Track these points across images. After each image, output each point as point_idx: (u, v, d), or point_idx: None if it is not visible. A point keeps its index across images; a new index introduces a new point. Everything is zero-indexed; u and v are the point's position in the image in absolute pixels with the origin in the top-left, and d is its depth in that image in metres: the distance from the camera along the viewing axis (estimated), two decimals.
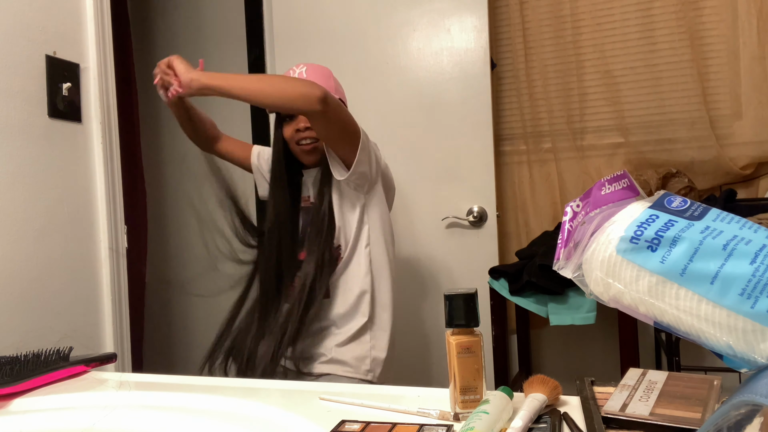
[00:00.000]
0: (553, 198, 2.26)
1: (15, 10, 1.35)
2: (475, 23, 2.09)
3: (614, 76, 2.18)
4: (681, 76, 2.10)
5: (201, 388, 0.93)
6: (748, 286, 0.48)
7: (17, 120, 1.35)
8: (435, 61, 2.14)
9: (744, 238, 0.50)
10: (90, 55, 1.53)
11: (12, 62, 1.34)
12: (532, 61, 2.28)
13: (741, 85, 2.06)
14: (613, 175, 0.62)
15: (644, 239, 0.53)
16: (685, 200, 0.56)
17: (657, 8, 2.13)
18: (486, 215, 2.08)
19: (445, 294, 0.76)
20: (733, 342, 0.49)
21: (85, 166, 1.52)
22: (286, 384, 0.99)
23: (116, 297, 1.56)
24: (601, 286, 0.56)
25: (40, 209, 1.40)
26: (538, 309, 1.78)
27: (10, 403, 0.92)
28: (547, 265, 1.71)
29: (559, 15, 2.23)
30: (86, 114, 1.53)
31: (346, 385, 0.94)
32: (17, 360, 1.00)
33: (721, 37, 2.08)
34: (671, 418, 0.66)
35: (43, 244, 1.40)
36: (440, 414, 0.76)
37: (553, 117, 2.25)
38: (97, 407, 0.89)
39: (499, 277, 1.93)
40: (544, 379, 0.76)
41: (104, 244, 1.55)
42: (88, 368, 1.07)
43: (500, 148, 2.34)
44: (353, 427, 0.73)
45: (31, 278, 1.37)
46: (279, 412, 0.81)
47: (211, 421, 0.83)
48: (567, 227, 0.61)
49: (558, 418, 0.71)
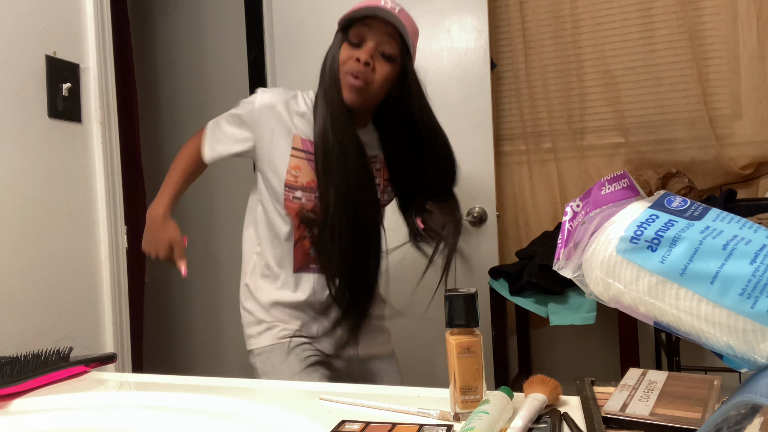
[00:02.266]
0: (553, 198, 2.26)
1: (15, 10, 1.35)
2: (475, 23, 2.09)
3: (614, 76, 2.18)
4: (681, 76, 2.10)
5: (201, 389, 0.93)
6: (748, 286, 0.48)
7: (17, 120, 1.35)
8: (435, 61, 2.14)
9: (744, 238, 0.50)
10: (90, 55, 1.53)
11: (12, 62, 1.34)
12: (532, 61, 2.28)
13: (741, 85, 2.06)
14: (613, 175, 0.62)
15: (644, 239, 0.53)
16: (685, 200, 0.56)
17: (657, 8, 2.13)
18: (486, 215, 2.08)
19: (445, 294, 0.76)
20: (733, 342, 0.49)
21: (85, 166, 1.52)
22: (286, 384, 0.99)
23: (116, 297, 1.56)
24: (601, 286, 0.56)
25: (40, 209, 1.40)
26: (538, 309, 1.78)
27: (10, 403, 0.92)
28: (547, 265, 1.71)
29: (559, 15, 2.23)
30: (86, 114, 1.53)
31: (347, 385, 0.94)
32: (17, 360, 1.00)
33: (721, 37, 2.08)
34: (671, 418, 0.66)
35: (43, 244, 1.40)
36: (440, 414, 0.76)
37: (553, 117, 2.25)
38: (97, 407, 0.89)
39: (499, 277, 1.93)
40: (544, 379, 0.76)
41: (104, 244, 1.55)
42: (88, 368, 1.07)
43: (500, 148, 2.34)
44: (353, 427, 0.73)
45: (32, 278, 1.37)
46: (279, 412, 0.81)
47: (211, 421, 0.83)
48: (567, 227, 0.61)
49: (558, 418, 0.71)
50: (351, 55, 1.23)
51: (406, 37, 1.27)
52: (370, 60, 1.21)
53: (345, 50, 1.24)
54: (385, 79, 1.25)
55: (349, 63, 1.22)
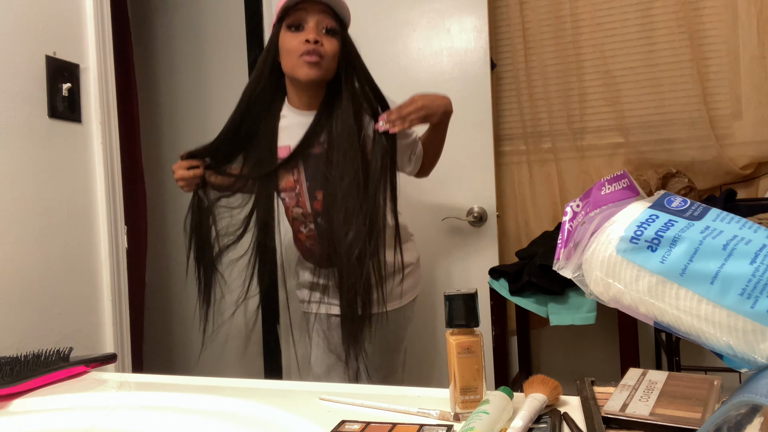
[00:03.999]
0: (553, 198, 2.26)
1: (15, 10, 1.35)
2: (475, 23, 2.09)
3: (614, 76, 2.18)
4: (681, 76, 2.10)
5: (201, 389, 0.93)
6: (748, 286, 0.48)
7: (17, 120, 1.35)
8: (435, 62, 2.14)
9: (744, 238, 0.50)
10: (90, 55, 1.53)
11: (12, 62, 1.34)
12: (532, 61, 2.28)
13: (741, 85, 2.06)
14: (613, 175, 0.62)
15: (644, 239, 0.53)
16: (685, 200, 0.56)
17: (657, 8, 2.13)
18: (486, 215, 2.08)
19: (445, 294, 0.76)
20: (733, 342, 0.49)
21: (85, 166, 1.52)
22: (286, 384, 0.99)
23: (116, 297, 1.56)
24: (601, 286, 0.56)
25: (40, 209, 1.40)
26: (538, 309, 1.78)
27: (10, 403, 0.92)
28: (547, 265, 1.71)
29: (559, 15, 2.23)
30: (86, 114, 1.53)
31: (347, 385, 0.94)
32: (17, 360, 1.00)
33: (721, 37, 2.08)
34: (671, 418, 0.66)
35: (43, 244, 1.40)
36: (440, 414, 0.76)
37: (553, 117, 2.25)
38: (97, 408, 0.89)
39: (499, 277, 1.93)
40: (544, 379, 0.76)
41: (104, 244, 1.55)
42: (88, 368, 1.07)
43: (500, 148, 2.34)
44: (353, 427, 0.73)
45: (31, 278, 1.37)
46: (279, 412, 0.81)
47: (211, 421, 0.83)
48: (567, 227, 0.61)
49: (558, 418, 0.71)
50: (298, 38, 1.32)
51: (339, 10, 1.37)
52: (318, 37, 1.32)
53: (288, 38, 1.34)
54: (335, 52, 1.35)
55: (300, 47, 1.32)
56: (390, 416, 0.77)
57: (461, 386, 0.73)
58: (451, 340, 0.74)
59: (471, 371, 0.73)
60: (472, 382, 0.73)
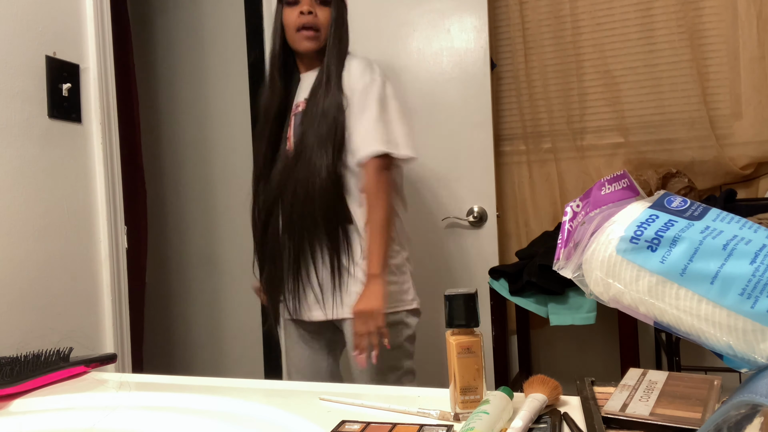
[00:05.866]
0: (553, 198, 2.26)
1: (15, 10, 1.35)
2: (475, 23, 2.09)
3: (614, 76, 2.18)
4: (681, 76, 2.10)
5: (201, 389, 0.93)
6: (748, 286, 0.48)
7: (17, 120, 1.35)
8: (435, 62, 2.14)
9: (744, 238, 0.50)
10: (90, 55, 1.53)
11: (12, 63, 1.34)
12: (532, 61, 2.28)
13: (741, 85, 2.06)
14: (613, 175, 0.62)
15: (644, 239, 0.53)
16: (685, 200, 0.56)
17: (657, 8, 2.13)
18: (486, 215, 2.08)
19: (445, 294, 0.76)
20: (733, 342, 0.49)
21: (85, 166, 1.52)
22: (286, 384, 0.99)
23: (116, 297, 1.56)
24: (601, 286, 0.56)
25: (40, 209, 1.40)
26: (538, 309, 1.78)
27: (10, 403, 0.92)
28: (547, 265, 1.71)
29: (559, 15, 2.23)
30: (86, 114, 1.53)
31: (347, 385, 0.94)
32: (17, 360, 1.00)
33: (721, 37, 2.08)
34: (671, 418, 0.66)
35: (43, 244, 1.40)
36: (440, 414, 0.76)
37: (553, 117, 2.25)
38: (97, 408, 0.89)
39: (499, 277, 1.93)
40: (544, 379, 0.76)
41: (104, 244, 1.55)
42: (88, 369, 1.07)
43: (500, 149, 2.34)
44: (353, 427, 0.73)
45: (31, 278, 1.37)
46: (279, 412, 0.81)
47: (211, 422, 0.83)
48: (567, 227, 0.61)
49: (558, 418, 0.71)
50: (294, 12, 1.47)
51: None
52: (312, 8, 1.46)
53: (287, 13, 1.49)
54: (328, 21, 1.49)
55: (296, 20, 1.47)
56: (390, 416, 0.77)
57: (461, 386, 0.73)
58: (451, 340, 0.74)
59: (471, 371, 0.73)
60: (472, 382, 0.73)
